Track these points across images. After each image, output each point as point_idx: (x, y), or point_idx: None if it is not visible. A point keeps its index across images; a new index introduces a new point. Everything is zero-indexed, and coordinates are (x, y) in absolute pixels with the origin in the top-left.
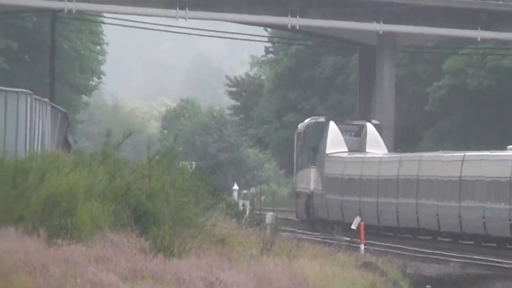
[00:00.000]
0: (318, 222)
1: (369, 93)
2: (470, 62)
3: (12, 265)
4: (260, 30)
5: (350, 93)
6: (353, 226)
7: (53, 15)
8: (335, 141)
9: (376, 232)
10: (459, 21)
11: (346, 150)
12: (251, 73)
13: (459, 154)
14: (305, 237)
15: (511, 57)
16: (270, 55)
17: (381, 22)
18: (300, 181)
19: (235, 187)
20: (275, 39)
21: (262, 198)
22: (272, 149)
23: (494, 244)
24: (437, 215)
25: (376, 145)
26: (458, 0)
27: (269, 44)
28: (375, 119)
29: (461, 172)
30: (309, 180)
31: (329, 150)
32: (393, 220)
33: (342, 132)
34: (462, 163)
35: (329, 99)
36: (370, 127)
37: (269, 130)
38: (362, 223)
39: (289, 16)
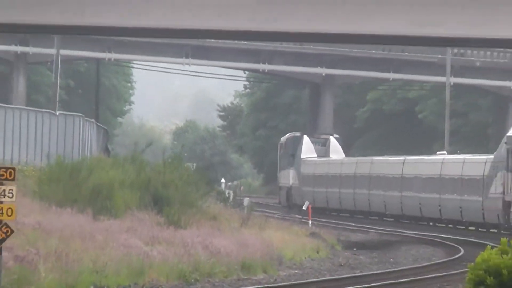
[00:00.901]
0: (295, 207)
1: (316, 115)
2: (385, 94)
3: (70, 233)
4: (240, 73)
5: (302, 115)
6: (304, 207)
7: (98, 62)
8: (308, 149)
9: (337, 214)
10: (378, 66)
11: (316, 155)
12: (234, 102)
13: (400, 157)
14: (271, 215)
15: (413, 91)
16: (247, 90)
17: (324, 67)
18: (282, 178)
19: (223, 180)
20: (251, 79)
21: (241, 188)
22: (249, 155)
23: (425, 223)
24: (384, 202)
25: (337, 152)
26: (377, 52)
27: (246, 82)
28: (320, 134)
29: (402, 170)
30: (289, 177)
31: (303, 155)
32: (351, 205)
33: (312, 143)
34: (403, 164)
35: (288, 119)
36: (332, 139)
37: (247, 141)
38: (310, 205)
39: (261, 63)
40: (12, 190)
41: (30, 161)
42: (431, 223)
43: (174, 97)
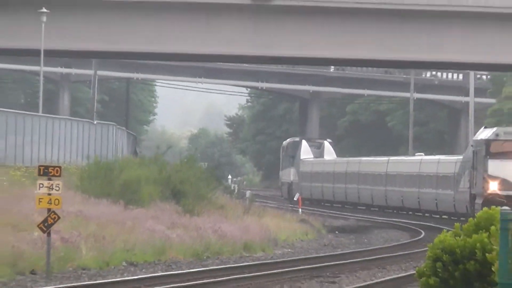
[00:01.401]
0: (305, 203)
1: (304, 124)
2: (360, 107)
3: (105, 220)
4: (243, 89)
5: (293, 124)
6: (295, 199)
7: (128, 81)
8: (306, 151)
9: (331, 205)
10: (355, 84)
11: (313, 156)
12: (238, 113)
13: (385, 158)
14: (269, 205)
15: (383, 104)
16: (249, 103)
17: (311, 85)
18: (284, 176)
19: (229, 177)
20: (252, 94)
21: (244, 183)
22: (250, 156)
23: (405, 212)
24: (371, 195)
25: (330, 154)
26: (354, 73)
27: (248, 97)
28: (316, 139)
29: (387, 169)
30: (290, 175)
31: (302, 156)
32: (343, 198)
33: (309, 146)
34: (387, 163)
35: (282, 127)
36: (326, 143)
37: (248, 145)
38: (300, 197)
39: (259, 82)
40: (58, 184)
41: (73, 161)
42: (410, 213)
43: (189, 109)
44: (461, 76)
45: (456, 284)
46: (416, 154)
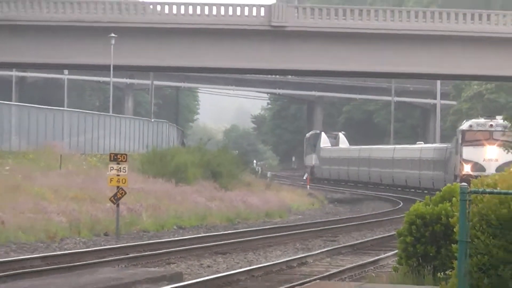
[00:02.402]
0: (316, 179)
1: (311, 121)
2: (354, 108)
3: (161, 194)
4: (264, 95)
5: (303, 121)
6: (304, 178)
7: (177, 88)
8: (325, 141)
9: (345, 183)
10: (349, 90)
11: (330, 145)
12: (261, 113)
13: (391, 146)
14: (285, 183)
15: (371, 106)
16: (269, 105)
17: (316, 91)
18: (307, 160)
19: (254, 161)
20: (271, 98)
21: (266, 166)
22: (270, 145)
23: (408, 190)
24: (380, 176)
25: (344, 143)
26: (348, 82)
27: (268, 101)
28: (332, 131)
29: (393, 155)
30: (312, 160)
31: (322, 145)
32: (356, 178)
33: (327, 137)
34: (394, 150)
35: (294, 124)
36: (341, 135)
37: (268, 137)
38: (309, 177)
39: (276, 89)
40: (125, 167)
41: (135, 150)
42: (412, 190)
43: (224, 110)
44: (430, 83)
45: (426, 241)
46: (417, 142)
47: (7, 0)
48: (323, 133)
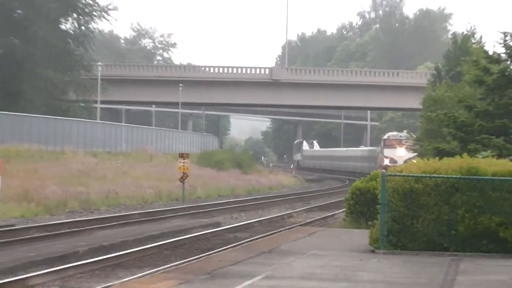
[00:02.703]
0: (301, 168)
1: (296, 135)
2: (322, 127)
3: (208, 177)
4: (267, 118)
5: (291, 135)
6: (291, 167)
7: (218, 116)
8: (305, 145)
9: (317, 171)
10: (317, 116)
11: (308, 148)
12: (266, 130)
13: (344, 148)
14: (280, 171)
15: (331, 125)
16: (271, 125)
17: (298, 117)
18: (295, 157)
19: (263, 158)
20: (271, 121)
21: (269, 160)
22: (271, 149)
23: (355, 174)
24: (338, 166)
25: (317, 147)
26: (318, 112)
27: (270, 123)
28: (308, 140)
29: (346, 154)
30: (298, 157)
31: (304, 148)
32: (324, 167)
33: (307, 143)
34: (346, 151)
35: (286, 136)
36: (315, 142)
37: (271, 144)
38: (294, 167)
39: (275, 116)
40: (187, 161)
41: (194, 151)
42: (357, 174)
43: (244, 128)
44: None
45: (362, 204)
46: (360, 146)
47: (120, 65)
48: (304, 141)
